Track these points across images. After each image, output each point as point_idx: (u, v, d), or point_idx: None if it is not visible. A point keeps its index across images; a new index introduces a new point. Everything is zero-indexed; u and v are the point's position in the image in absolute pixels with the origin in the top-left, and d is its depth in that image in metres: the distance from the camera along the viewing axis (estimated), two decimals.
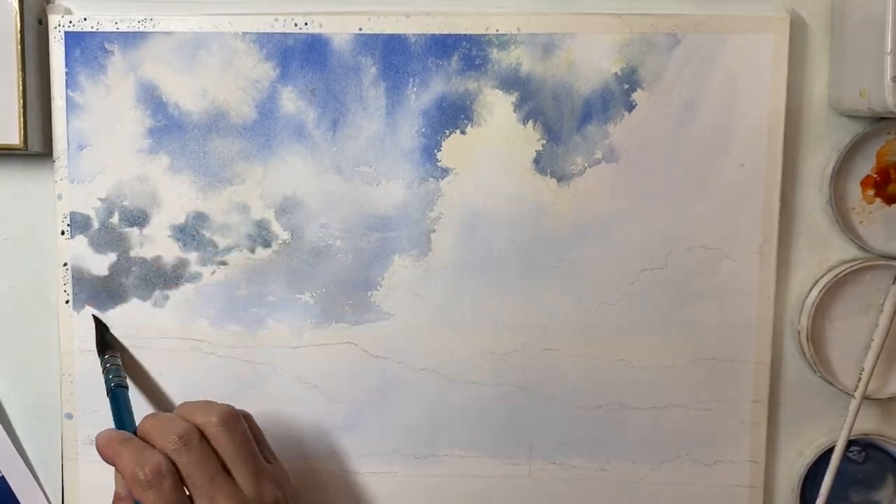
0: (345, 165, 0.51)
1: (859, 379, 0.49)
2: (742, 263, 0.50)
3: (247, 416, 0.47)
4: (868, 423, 0.51)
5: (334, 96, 0.50)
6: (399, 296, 0.51)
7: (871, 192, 0.50)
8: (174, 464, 0.42)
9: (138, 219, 0.52)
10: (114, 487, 0.45)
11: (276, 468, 0.46)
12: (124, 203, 0.52)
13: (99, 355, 0.51)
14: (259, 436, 0.47)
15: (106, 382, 0.49)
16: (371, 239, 0.51)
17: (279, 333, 0.52)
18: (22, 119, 0.49)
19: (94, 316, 0.51)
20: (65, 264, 0.52)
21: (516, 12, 0.50)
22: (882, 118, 0.48)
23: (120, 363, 0.51)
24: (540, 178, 0.50)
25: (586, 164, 0.50)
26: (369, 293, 0.51)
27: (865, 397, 0.49)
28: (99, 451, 0.44)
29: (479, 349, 0.51)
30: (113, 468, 0.44)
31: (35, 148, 0.50)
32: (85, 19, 0.50)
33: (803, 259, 0.51)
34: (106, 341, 0.51)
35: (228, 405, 0.45)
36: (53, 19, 0.50)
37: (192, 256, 0.52)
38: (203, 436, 0.43)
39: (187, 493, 0.42)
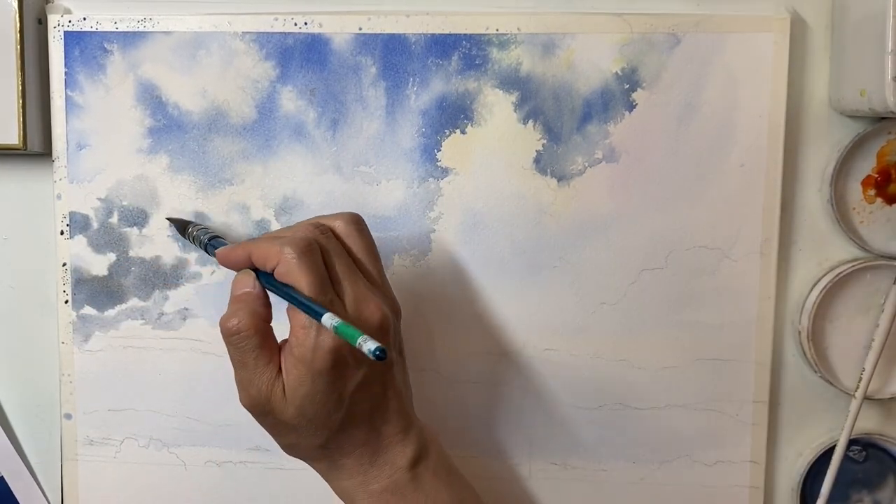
0: (345, 165, 0.51)
1: (860, 379, 0.49)
2: (742, 263, 0.50)
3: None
4: (868, 423, 0.51)
5: (334, 96, 0.50)
6: (399, 296, 0.51)
7: (871, 192, 0.50)
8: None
9: (138, 219, 0.52)
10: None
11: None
12: (124, 203, 0.52)
13: (182, 233, 0.49)
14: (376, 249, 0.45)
15: (199, 245, 0.47)
16: None
17: (279, 333, 0.52)
18: (21, 119, 0.49)
19: (171, 219, 0.50)
20: (64, 264, 0.52)
21: (516, 12, 0.50)
22: (882, 118, 0.48)
23: (206, 225, 0.49)
24: (540, 178, 0.50)
25: (586, 164, 0.50)
26: None
27: (866, 397, 0.49)
28: (221, 259, 0.42)
29: (479, 349, 0.51)
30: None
31: (34, 148, 0.50)
32: (84, 19, 0.50)
33: (803, 259, 0.51)
34: (186, 222, 0.50)
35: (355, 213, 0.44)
36: (53, 19, 0.50)
37: (192, 256, 0.52)
38: (335, 234, 0.42)
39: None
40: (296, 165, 0.51)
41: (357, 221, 0.43)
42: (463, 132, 0.50)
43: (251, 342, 0.40)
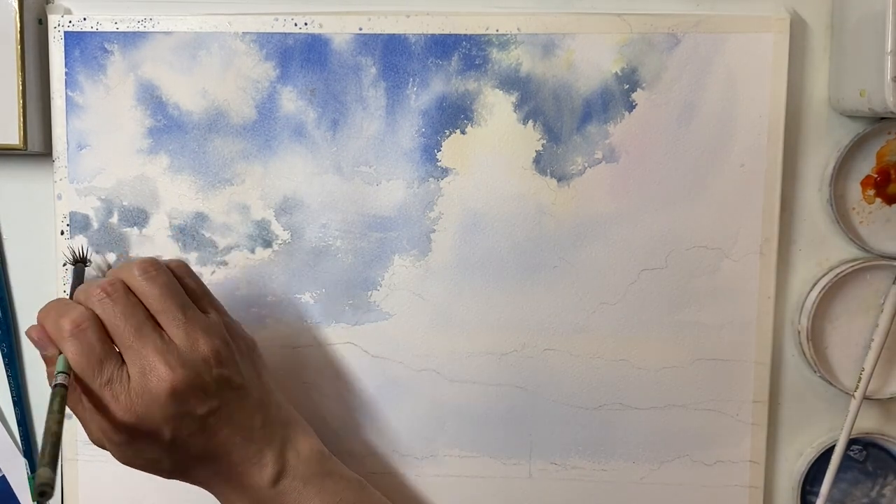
0: (345, 165, 0.51)
1: (859, 379, 0.49)
2: (742, 263, 0.50)
3: (178, 266, 0.45)
4: (868, 423, 0.51)
5: (334, 96, 0.50)
6: (399, 296, 0.51)
7: (871, 192, 0.50)
8: (99, 318, 0.41)
9: (138, 219, 0.52)
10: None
11: (216, 320, 0.44)
12: (124, 203, 0.52)
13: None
14: (197, 287, 0.46)
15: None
16: (371, 239, 0.51)
17: (279, 333, 0.52)
18: (22, 119, 0.49)
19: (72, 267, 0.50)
20: (64, 264, 0.52)
21: (516, 12, 0.50)
22: (882, 118, 0.48)
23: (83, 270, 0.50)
24: (540, 178, 0.50)
25: (586, 164, 0.50)
26: (369, 293, 0.51)
27: (866, 397, 0.49)
28: (38, 321, 0.43)
29: (479, 349, 0.51)
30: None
31: (35, 148, 0.50)
32: (85, 19, 0.50)
33: (803, 259, 0.51)
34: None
35: (153, 257, 0.45)
36: (53, 19, 0.50)
37: (192, 256, 0.52)
38: (129, 289, 0.42)
39: (116, 348, 0.42)
40: (296, 165, 0.51)
41: (147, 270, 0.43)
42: (463, 132, 0.50)
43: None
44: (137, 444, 0.41)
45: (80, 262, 0.49)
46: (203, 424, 0.42)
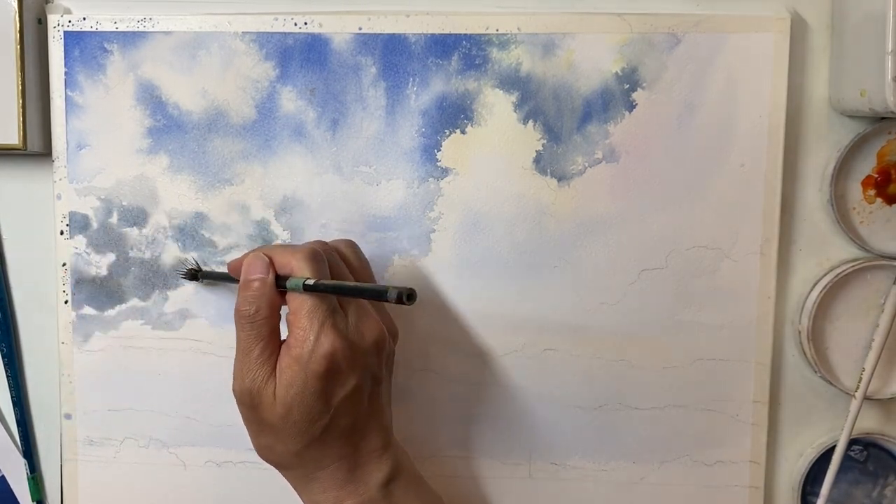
0: (345, 165, 0.51)
1: (860, 379, 0.49)
2: (742, 263, 0.50)
3: (347, 246, 0.46)
4: (869, 423, 0.51)
5: (334, 96, 0.50)
6: None
7: (871, 192, 0.50)
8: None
9: (137, 219, 0.52)
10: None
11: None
12: (123, 203, 0.52)
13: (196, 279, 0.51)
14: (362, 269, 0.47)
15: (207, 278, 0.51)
16: (371, 239, 0.51)
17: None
18: (21, 119, 0.49)
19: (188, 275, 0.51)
20: (64, 264, 0.52)
21: (516, 12, 0.50)
22: (882, 118, 0.48)
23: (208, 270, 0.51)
24: (540, 178, 0.50)
25: (586, 164, 0.50)
26: None
27: (866, 397, 0.49)
28: (234, 267, 0.45)
29: (479, 349, 0.51)
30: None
31: (34, 148, 0.50)
32: (84, 19, 0.50)
33: (803, 259, 0.51)
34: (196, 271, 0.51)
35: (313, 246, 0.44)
36: (53, 19, 0.50)
37: (192, 257, 0.52)
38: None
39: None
40: (296, 165, 0.51)
41: (355, 246, 0.46)
42: (463, 132, 0.50)
43: (263, 330, 0.42)
44: (323, 382, 0.40)
45: (194, 275, 0.51)
46: (371, 392, 0.43)
